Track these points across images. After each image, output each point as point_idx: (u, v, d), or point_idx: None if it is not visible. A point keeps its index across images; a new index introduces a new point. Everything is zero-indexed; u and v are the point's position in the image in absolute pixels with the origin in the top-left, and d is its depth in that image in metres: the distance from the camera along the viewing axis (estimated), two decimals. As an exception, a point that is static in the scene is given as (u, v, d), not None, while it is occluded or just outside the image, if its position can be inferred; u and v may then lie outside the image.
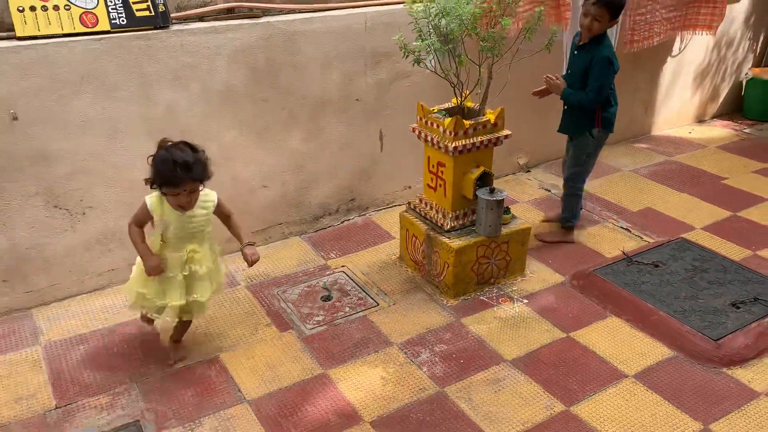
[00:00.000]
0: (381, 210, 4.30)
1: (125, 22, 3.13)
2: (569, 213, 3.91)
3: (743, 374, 2.89)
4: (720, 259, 3.70)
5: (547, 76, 3.63)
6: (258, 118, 3.64)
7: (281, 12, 3.60)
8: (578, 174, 3.81)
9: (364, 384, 2.86)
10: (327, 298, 3.45)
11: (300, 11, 3.65)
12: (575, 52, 3.59)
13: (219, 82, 3.45)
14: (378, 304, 3.40)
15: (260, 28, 3.49)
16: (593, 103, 3.51)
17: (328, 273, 3.67)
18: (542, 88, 3.75)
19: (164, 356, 3.00)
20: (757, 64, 6.10)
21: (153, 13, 3.17)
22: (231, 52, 3.43)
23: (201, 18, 3.41)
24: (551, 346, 3.09)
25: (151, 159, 2.61)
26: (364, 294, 3.49)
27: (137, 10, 3.14)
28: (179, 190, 2.60)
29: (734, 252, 3.81)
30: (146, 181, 2.65)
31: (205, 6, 3.42)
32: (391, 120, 4.08)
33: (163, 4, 3.20)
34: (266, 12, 3.56)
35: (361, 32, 3.78)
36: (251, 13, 3.51)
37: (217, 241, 2.97)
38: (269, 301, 3.43)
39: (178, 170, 2.53)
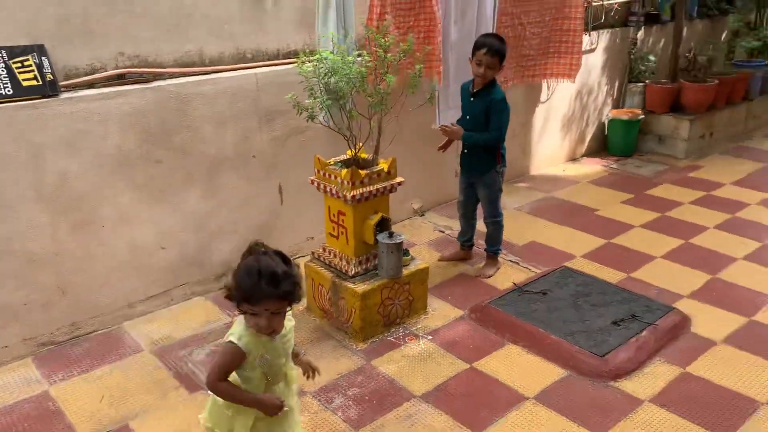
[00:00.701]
0: (284, 263, 4.36)
1: (11, 92, 3.08)
2: (497, 243, 4.25)
3: (628, 385, 3.18)
4: (600, 283, 4.05)
5: (443, 126, 3.94)
6: (154, 180, 3.65)
7: (172, 76, 3.67)
8: (497, 207, 4.15)
9: (280, 435, 2.88)
10: (236, 355, 3.44)
11: (191, 74, 3.73)
12: (471, 99, 3.92)
13: (112, 147, 3.45)
14: (288, 355, 3.43)
15: (151, 92, 3.53)
16: (498, 141, 3.86)
17: (235, 329, 3.67)
18: (445, 141, 4.03)
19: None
20: (615, 106, 6.79)
21: (41, 82, 3.15)
22: (123, 116, 3.45)
23: (91, 85, 3.41)
24: (457, 377, 3.25)
25: (242, 262, 2.10)
26: (274, 346, 3.51)
27: (24, 80, 3.11)
28: (260, 307, 2.02)
29: (611, 276, 4.19)
30: (226, 296, 2.13)
31: (94, 73, 3.43)
32: (289, 174, 4.21)
33: (51, 73, 3.19)
34: (157, 76, 3.62)
35: (253, 91, 3.91)
36: (142, 78, 3.56)
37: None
38: (176, 364, 3.38)
39: (262, 283, 1.99)
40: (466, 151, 4.03)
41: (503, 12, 4.96)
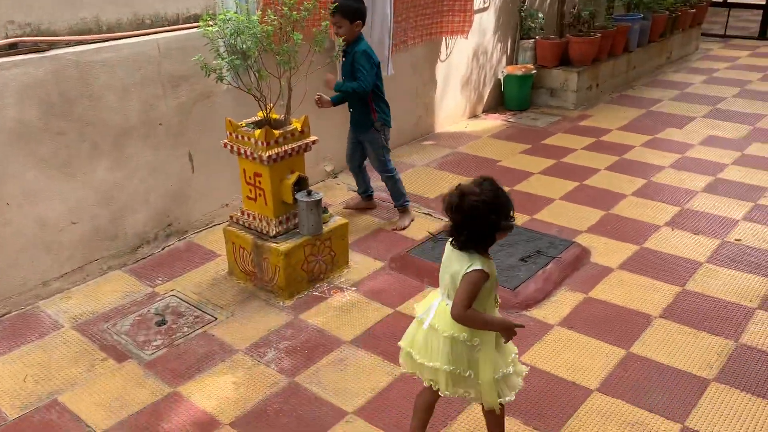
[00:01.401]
0: (201, 231, 4.35)
1: None
2: (401, 196, 4.42)
3: (539, 313, 3.46)
4: (507, 226, 4.32)
5: (317, 98, 4.11)
6: (58, 152, 3.52)
7: (68, 44, 3.53)
8: (385, 163, 4.33)
9: (216, 393, 2.93)
10: (161, 323, 3.44)
11: (88, 42, 3.60)
12: (343, 59, 4.09)
13: (10, 120, 3.30)
14: (216, 318, 3.47)
15: (48, 61, 3.39)
16: (363, 89, 4.00)
17: (158, 299, 3.65)
18: (318, 96, 4.16)
19: None
20: (509, 62, 7.11)
21: (-76, 53, 2.96)
22: (20, 87, 3.30)
23: (-21, 55, 3.24)
24: (383, 322, 3.41)
25: (473, 199, 2.11)
26: (200, 312, 3.53)
27: None
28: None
29: (517, 218, 4.45)
30: (487, 228, 2.14)
31: (-18, 42, 3.25)
32: (199, 140, 4.17)
33: (-65, 43, 3.00)
34: (53, 45, 3.47)
35: (156, 57, 3.83)
36: (37, 47, 3.40)
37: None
38: (101, 336, 3.33)
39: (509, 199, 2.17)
40: (351, 110, 4.25)
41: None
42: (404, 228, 4.37)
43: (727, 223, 4.37)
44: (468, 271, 2.15)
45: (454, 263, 2.21)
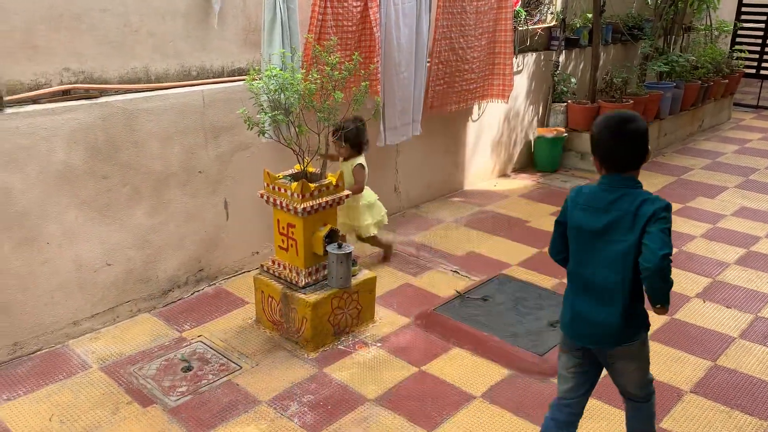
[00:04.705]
0: (231, 278, 4.40)
1: (-46, 105, 3.03)
2: None
3: (566, 380, 3.40)
4: (535, 288, 4.30)
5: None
6: (99, 195, 3.63)
7: (117, 92, 3.68)
8: None
9: (238, 443, 2.92)
10: (187, 369, 3.46)
11: (137, 91, 3.75)
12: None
13: (57, 163, 3.42)
14: (241, 367, 3.47)
15: (98, 107, 3.54)
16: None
17: (184, 344, 3.68)
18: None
19: (18, 450, 2.82)
20: (540, 124, 7.19)
21: (-16, 97, 3.11)
22: (70, 132, 3.43)
23: (35, 101, 3.38)
24: (407, 381, 3.38)
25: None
26: (225, 359, 3.55)
27: (-33, 94, 3.06)
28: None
29: (545, 281, 4.46)
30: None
31: (38, 88, 3.40)
32: (235, 189, 4.26)
33: (-5, 88, 3.16)
34: (103, 92, 3.62)
35: (199, 108, 3.97)
36: (88, 94, 3.55)
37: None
38: (127, 380, 3.36)
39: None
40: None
41: (443, 37, 5.22)
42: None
43: (760, 297, 4.30)
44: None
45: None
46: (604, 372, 2.57)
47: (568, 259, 2.50)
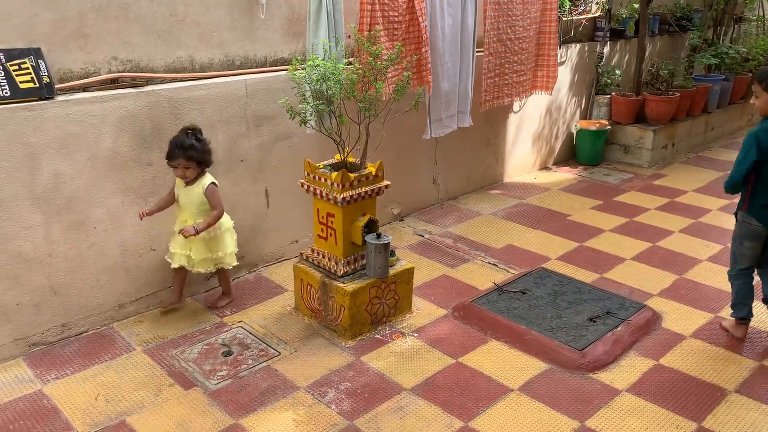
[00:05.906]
0: (270, 265, 4.46)
1: (8, 94, 3.13)
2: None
3: (606, 376, 3.36)
4: (575, 283, 4.25)
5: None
6: (145, 182, 3.71)
7: (163, 81, 3.75)
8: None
9: (277, 428, 2.97)
10: (228, 353, 3.52)
11: (183, 80, 3.82)
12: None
13: (105, 149, 3.51)
14: (280, 353, 3.52)
15: (145, 96, 3.61)
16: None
17: (225, 330, 3.74)
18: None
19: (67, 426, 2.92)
20: (583, 116, 7.07)
21: (37, 85, 3.20)
22: (117, 119, 3.51)
23: (84, 88, 3.47)
24: (444, 371, 3.38)
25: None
26: (265, 345, 3.60)
27: (21, 83, 3.16)
28: (173, 164, 3.52)
29: (585, 276, 4.39)
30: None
31: (88, 77, 3.49)
32: (275, 178, 4.31)
33: (48, 76, 3.24)
34: (150, 81, 3.70)
35: (243, 97, 4.01)
36: (135, 83, 3.63)
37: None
38: (169, 363, 3.44)
39: (175, 148, 3.48)
40: None
41: (491, 27, 5.17)
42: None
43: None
44: (208, 183, 3.50)
45: None
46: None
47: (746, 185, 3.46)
